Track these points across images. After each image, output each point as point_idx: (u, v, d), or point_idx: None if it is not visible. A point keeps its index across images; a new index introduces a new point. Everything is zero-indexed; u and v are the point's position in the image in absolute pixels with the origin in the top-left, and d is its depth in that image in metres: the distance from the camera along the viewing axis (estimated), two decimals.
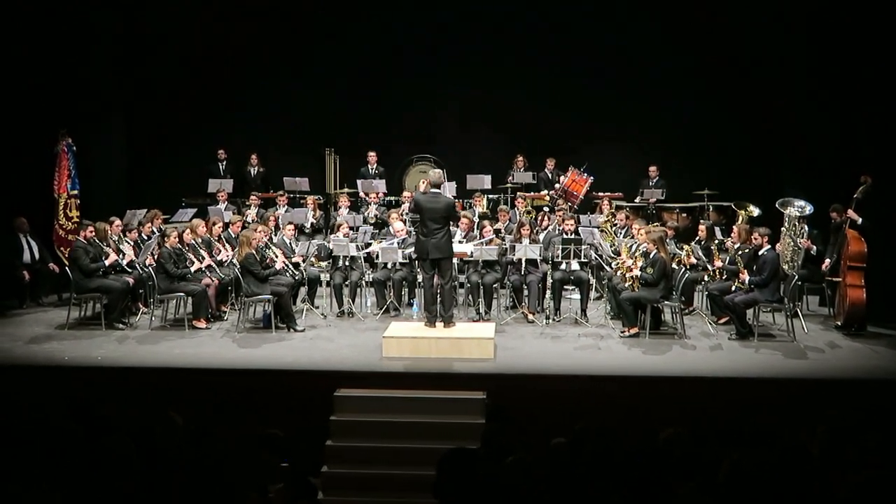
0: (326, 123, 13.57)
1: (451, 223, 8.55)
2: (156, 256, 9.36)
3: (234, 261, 9.56)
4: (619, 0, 12.93)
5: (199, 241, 9.61)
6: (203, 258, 9.36)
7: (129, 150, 13.36)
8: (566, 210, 11.74)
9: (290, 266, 9.40)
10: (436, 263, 8.22)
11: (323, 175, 13.45)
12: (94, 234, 9.26)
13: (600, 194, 12.57)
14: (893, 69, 9.49)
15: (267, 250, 9.21)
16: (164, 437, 4.57)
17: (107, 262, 9.14)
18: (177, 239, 9.20)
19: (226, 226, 10.52)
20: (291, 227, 10.23)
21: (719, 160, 12.91)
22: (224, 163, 13.55)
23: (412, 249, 9.58)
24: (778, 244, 9.38)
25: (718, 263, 9.36)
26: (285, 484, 5.13)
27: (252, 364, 7.76)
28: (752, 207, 11.08)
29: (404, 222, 10.77)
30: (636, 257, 8.91)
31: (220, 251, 9.71)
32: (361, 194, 12.84)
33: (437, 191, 8.27)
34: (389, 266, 9.76)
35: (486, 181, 12.70)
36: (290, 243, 10.03)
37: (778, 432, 4.80)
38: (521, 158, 13.32)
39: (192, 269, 9.12)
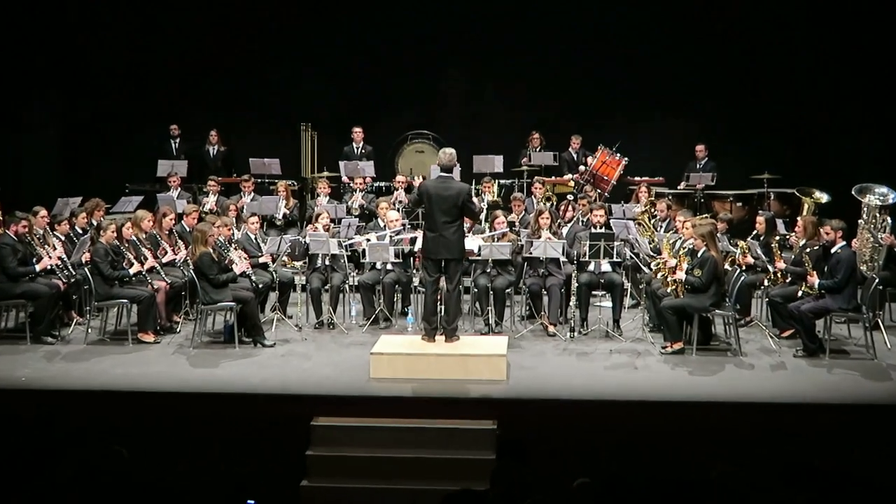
0: (302, 93, 13.57)
1: (468, 217, 8.48)
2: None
3: (188, 261, 9.55)
4: None
5: (144, 236, 9.58)
6: (146, 258, 9.30)
7: (64, 127, 13.37)
8: (595, 198, 11.72)
9: (252, 271, 9.32)
10: (443, 265, 8.19)
11: (298, 156, 13.45)
12: (27, 229, 9.21)
13: (636, 179, 12.55)
14: None
15: (226, 251, 9.16)
16: (108, 475, 4.55)
17: (38, 267, 9.09)
18: (114, 234, 9.15)
19: (179, 217, 10.49)
20: (256, 219, 10.20)
21: (782, 137, 12.88)
22: (177, 141, 13.55)
23: (405, 243, 9.55)
24: (854, 240, 9.34)
25: (781, 264, 9.32)
26: None
27: (211, 386, 7.75)
28: (818, 193, 11.05)
29: (398, 212, 10.73)
30: (680, 256, 8.88)
31: (165, 252, 9.64)
32: (345, 179, 12.82)
33: (447, 175, 8.20)
34: (379, 266, 9.73)
35: (496, 163, 12.69)
36: (255, 239, 10.00)
37: (855, 471, 4.77)
38: (537, 136, 13.30)
39: (131, 271, 9.08)
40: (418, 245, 9.37)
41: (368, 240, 9.77)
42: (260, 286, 9.41)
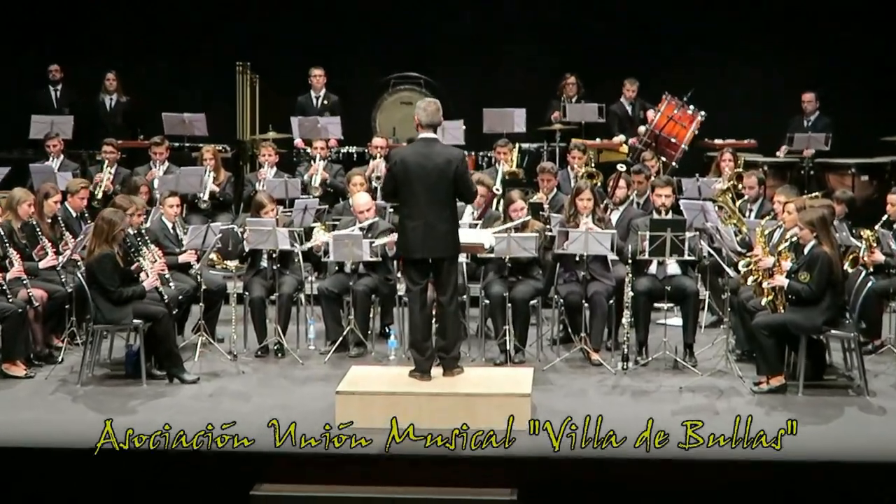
0: (237, 19, 13.53)
1: (461, 198, 8.45)
2: None
3: (77, 260, 9.50)
4: None
5: (18, 227, 9.53)
6: (10, 264, 9.13)
7: None
8: (658, 170, 11.68)
9: (168, 275, 9.26)
10: (431, 268, 8.16)
11: (232, 109, 13.41)
12: None
13: (717, 143, 12.53)
14: None
15: (136, 253, 9.08)
16: None
17: None
18: None
19: (63, 197, 10.48)
20: (176, 200, 10.16)
21: None
22: (58, 88, 13.51)
23: (385, 241, 9.53)
24: None
25: None
26: None
27: (110, 440, 7.67)
28: None
29: (376, 191, 10.69)
30: (781, 253, 8.87)
31: (45, 253, 9.55)
32: (299, 143, 12.79)
33: (431, 136, 8.20)
34: (348, 269, 9.72)
35: (515, 120, 12.67)
36: (174, 230, 9.97)
37: None
38: (572, 80, 13.27)
39: None
40: None
41: (334, 225, 9.74)
42: (179, 297, 9.37)
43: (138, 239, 9.23)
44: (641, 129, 12.70)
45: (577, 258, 9.37)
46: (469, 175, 8.30)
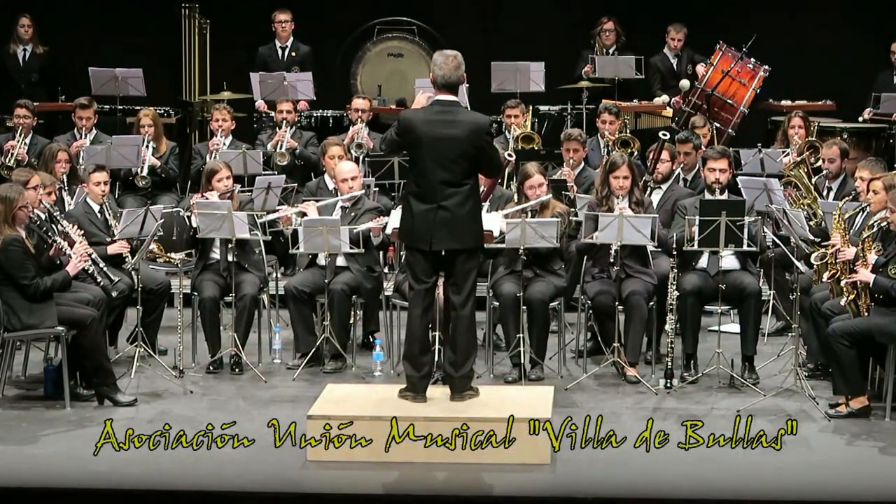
0: None
1: (483, 171, 8.48)
2: None
3: None
4: None
5: None
6: None
7: None
8: (710, 138, 11.67)
9: (95, 269, 9.25)
10: (443, 262, 8.18)
11: (177, 62, 13.40)
12: None
13: (785, 104, 12.50)
14: None
15: (50, 231, 9.06)
16: None
17: None
18: None
19: None
20: (103, 177, 10.11)
21: None
22: None
23: (375, 232, 9.56)
24: None
25: None
26: None
27: (22, 479, 7.68)
28: None
29: (357, 163, 10.68)
30: (865, 242, 8.87)
31: None
32: (260, 105, 12.77)
33: (451, 98, 8.21)
34: (323, 261, 9.75)
35: (532, 76, 12.67)
36: (101, 213, 9.99)
37: None
38: (610, 25, 13.22)
39: None
40: (392, 226, 9.31)
41: (303, 214, 9.77)
42: (114, 292, 9.37)
43: (52, 219, 9.21)
44: (686, 84, 12.66)
45: (610, 250, 9.39)
46: (495, 148, 8.31)
